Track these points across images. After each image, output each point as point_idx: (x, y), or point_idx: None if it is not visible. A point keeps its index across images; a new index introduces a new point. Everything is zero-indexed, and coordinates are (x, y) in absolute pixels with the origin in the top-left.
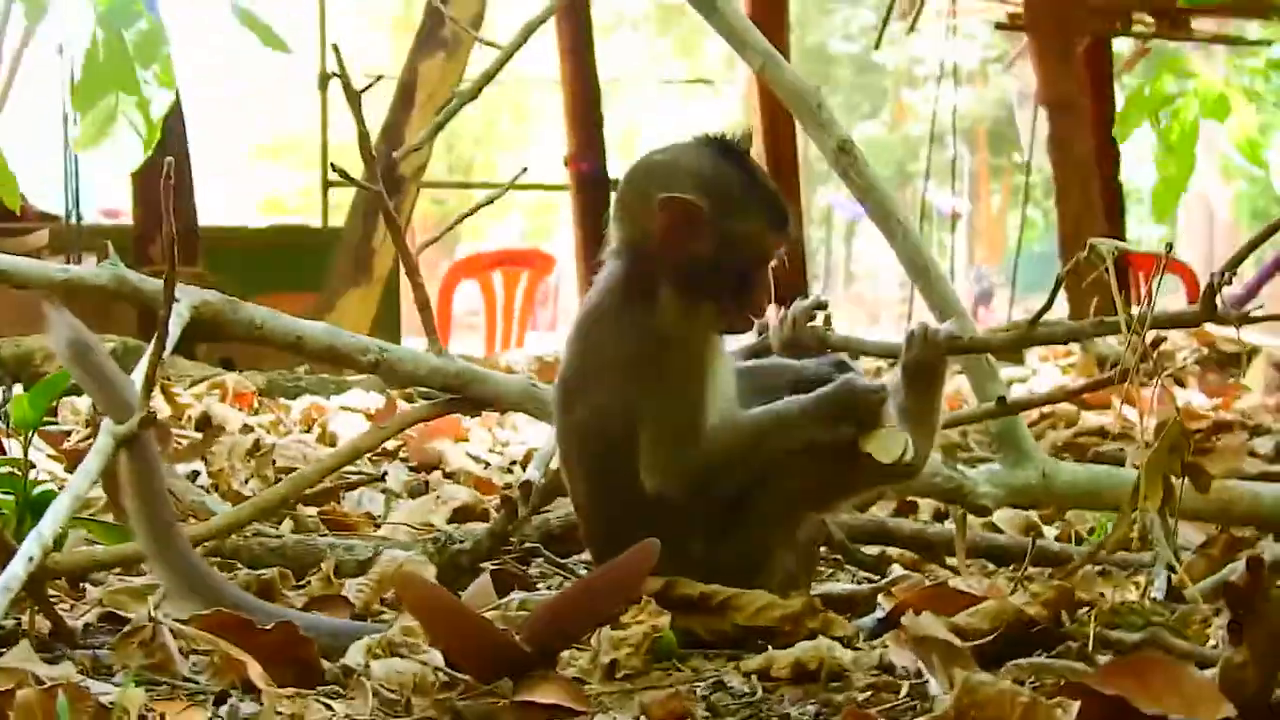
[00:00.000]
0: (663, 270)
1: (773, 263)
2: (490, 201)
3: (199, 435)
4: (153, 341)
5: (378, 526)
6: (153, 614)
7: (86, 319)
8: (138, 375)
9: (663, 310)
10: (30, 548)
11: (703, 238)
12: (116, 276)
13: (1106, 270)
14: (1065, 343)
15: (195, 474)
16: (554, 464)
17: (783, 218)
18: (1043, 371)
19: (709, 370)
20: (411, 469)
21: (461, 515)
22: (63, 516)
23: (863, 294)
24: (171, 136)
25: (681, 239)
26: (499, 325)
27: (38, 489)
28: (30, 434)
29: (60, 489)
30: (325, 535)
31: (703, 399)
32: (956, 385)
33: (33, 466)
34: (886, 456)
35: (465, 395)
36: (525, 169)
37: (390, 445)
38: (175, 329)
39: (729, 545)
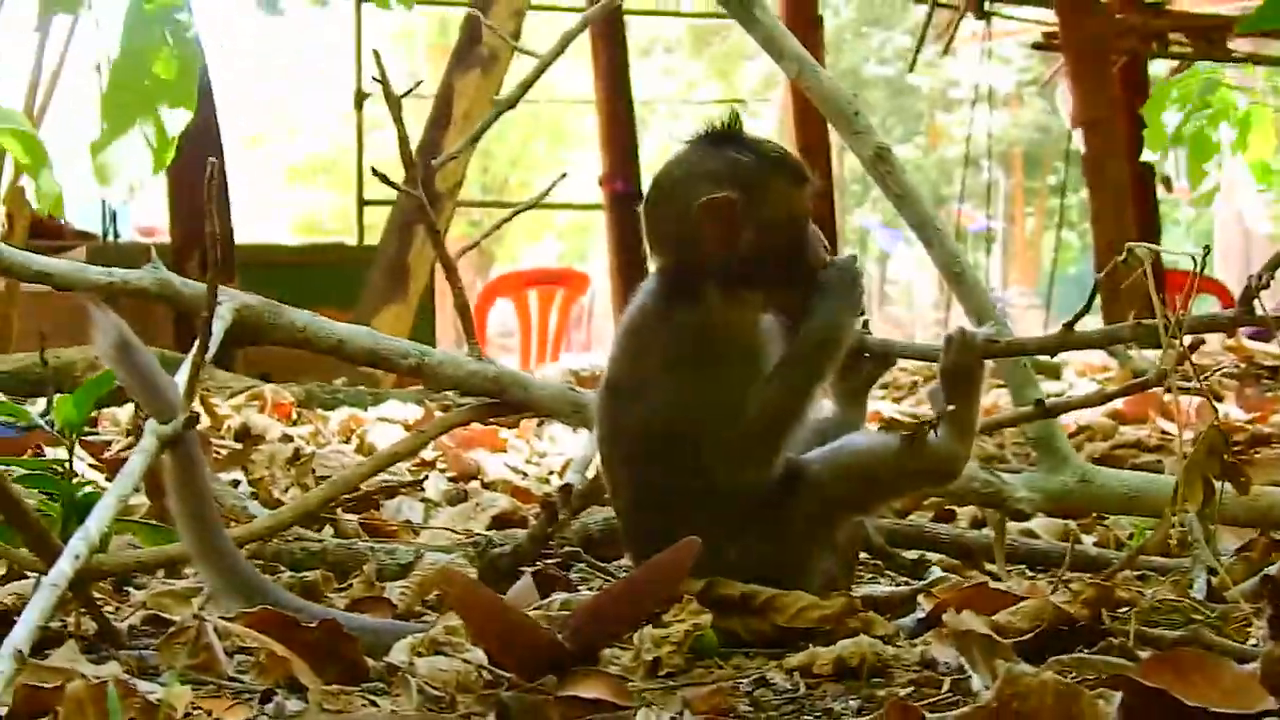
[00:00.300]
0: (709, 269)
1: (810, 218)
2: (530, 206)
3: (238, 445)
4: (195, 344)
5: (417, 533)
6: (197, 613)
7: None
8: (180, 378)
9: (711, 307)
10: (76, 546)
11: (743, 227)
12: (159, 280)
13: (1144, 273)
14: (1101, 346)
15: (235, 483)
16: (593, 469)
17: (799, 171)
18: (1079, 386)
19: (763, 355)
20: (450, 479)
21: (501, 522)
22: (108, 515)
23: (897, 314)
24: (209, 150)
25: (726, 235)
26: (534, 344)
27: (82, 491)
28: (75, 435)
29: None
30: (366, 541)
31: (760, 391)
32: (995, 398)
33: (75, 474)
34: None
35: (503, 400)
36: (564, 174)
37: (428, 455)
38: (218, 332)
39: (770, 546)
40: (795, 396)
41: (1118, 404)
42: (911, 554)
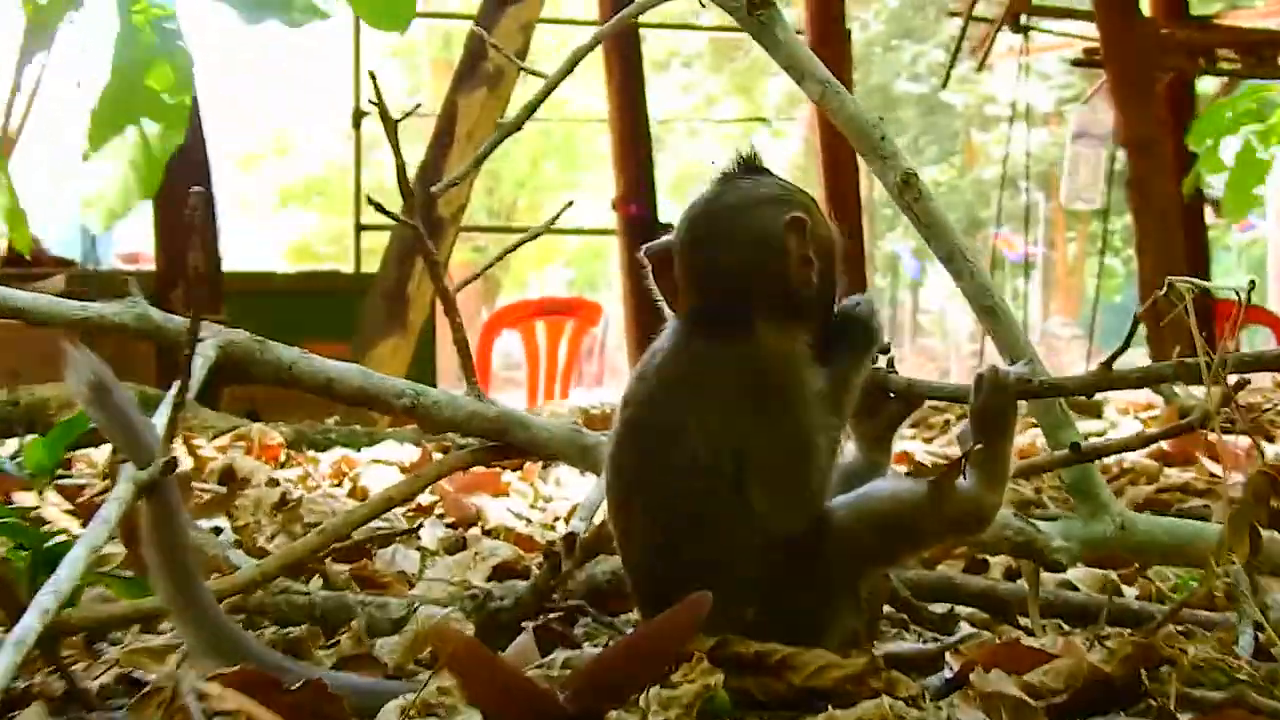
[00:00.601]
0: (760, 302)
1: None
2: (533, 237)
3: (222, 489)
4: (176, 382)
5: (412, 585)
6: (173, 673)
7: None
8: (159, 419)
9: (764, 340)
10: (44, 600)
11: (810, 250)
12: (138, 314)
13: (1186, 310)
14: (1142, 386)
15: (218, 530)
16: (600, 517)
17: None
18: (1122, 425)
19: (813, 396)
20: (448, 525)
21: (501, 573)
22: (79, 567)
23: (932, 346)
24: (195, 178)
25: (804, 256)
26: (541, 377)
27: (51, 541)
28: (46, 480)
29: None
30: (357, 593)
31: (814, 427)
32: (1031, 438)
33: (45, 522)
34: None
35: (505, 442)
36: (570, 203)
37: (425, 500)
38: (200, 370)
39: (789, 600)
40: (828, 438)
41: (1163, 445)
42: (940, 607)
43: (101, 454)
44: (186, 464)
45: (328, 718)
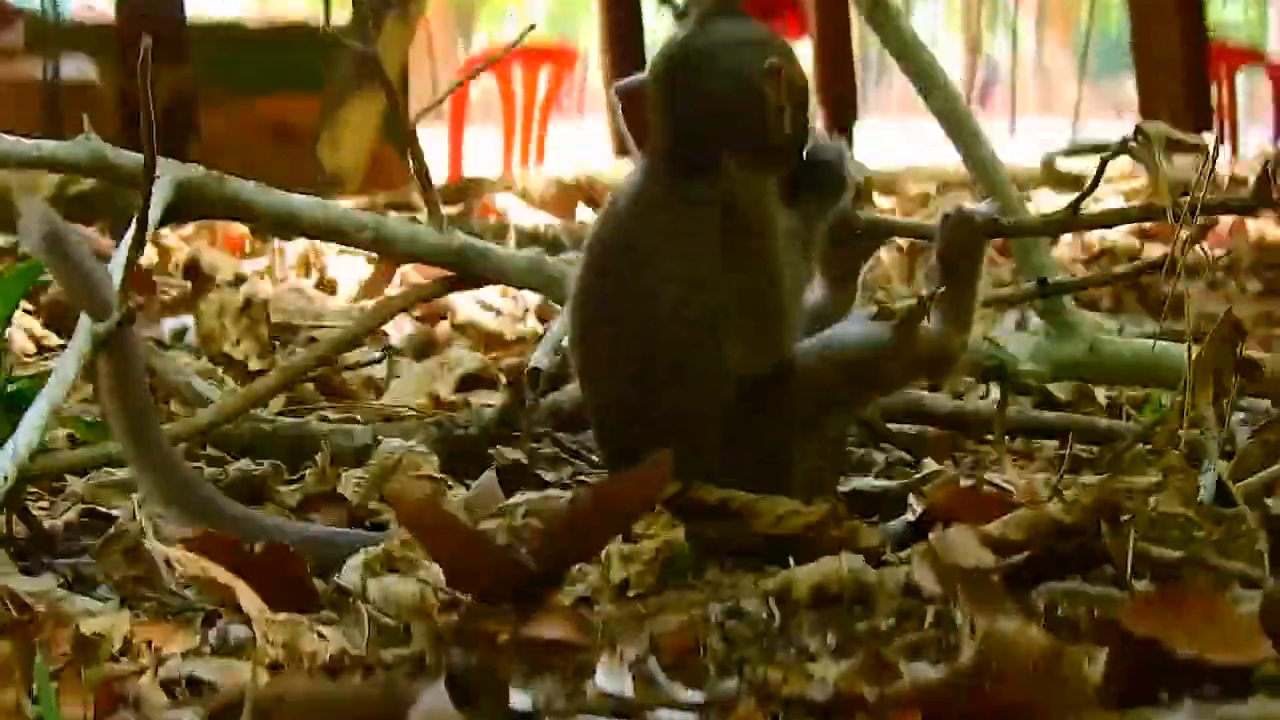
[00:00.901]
0: (733, 145)
1: None
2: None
3: (187, 284)
4: (131, 225)
5: (379, 396)
6: (136, 518)
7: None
8: (116, 266)
9: (734, 180)
10: (3, 465)
11: (786, 97)
12: (93, 153)
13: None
14: (1112, 227)
15: (183, 331)
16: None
17: None
18: (1102, 197)
19: (782, 237)
20: (416, 319)
21: (469, 383)
22: (39, 425)
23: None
24: None
25: (781, 104)
26: (518, 128)
27: (14, 384)
28: (4, 326)
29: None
30: (321, 408)
31: (783, 268)
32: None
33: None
34: None
35: (468, 273)
36: (533, 26)
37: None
38: (156, 207)
39: (753, 446)
40: (796, 279)
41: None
42: (910, 427)
43: None
44: (152, 259)
45: (291, 577)
